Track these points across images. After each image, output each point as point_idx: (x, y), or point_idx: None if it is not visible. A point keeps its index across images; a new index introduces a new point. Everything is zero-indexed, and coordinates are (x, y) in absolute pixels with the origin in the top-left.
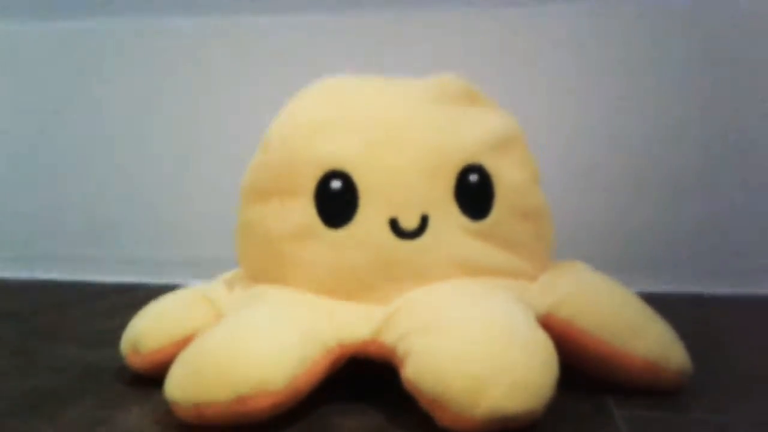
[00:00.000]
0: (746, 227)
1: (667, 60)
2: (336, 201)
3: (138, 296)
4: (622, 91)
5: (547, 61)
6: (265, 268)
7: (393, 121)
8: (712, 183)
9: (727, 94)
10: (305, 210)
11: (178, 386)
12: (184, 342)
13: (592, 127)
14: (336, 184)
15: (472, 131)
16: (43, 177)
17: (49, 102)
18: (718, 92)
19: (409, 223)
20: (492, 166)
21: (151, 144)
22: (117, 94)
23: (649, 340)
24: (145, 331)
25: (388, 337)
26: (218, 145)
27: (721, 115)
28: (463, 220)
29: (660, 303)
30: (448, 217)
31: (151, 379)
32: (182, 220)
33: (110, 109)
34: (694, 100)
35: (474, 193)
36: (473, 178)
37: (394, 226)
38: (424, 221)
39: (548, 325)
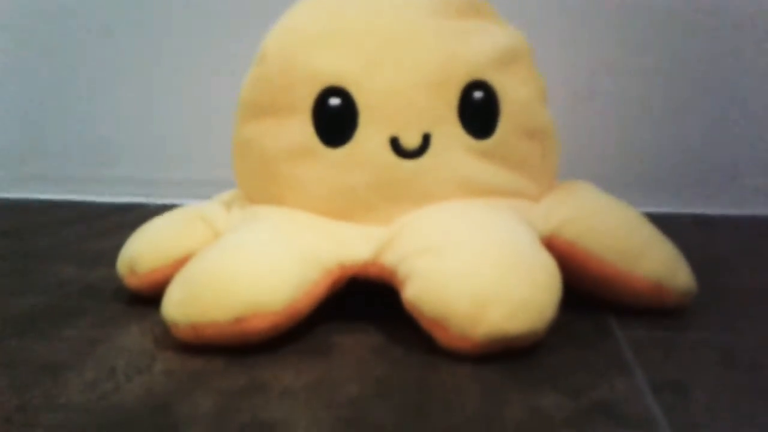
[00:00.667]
0: (749, 148)
1: None
2: (335, 119)
3: (135, 216)
4: (630, 13)
5: None
6: (263, 188)
7: (394, 35)
8: (715, 104)
9: (730, 11)
10: (303, 128)
11: (176, 307)
12: (181, 262)
13: (594, 49)
14: (334, 101)
15: (477, 45)
16: (39, 96)
17: (48, 28)
18: (721, 9)
19: (411, 141)
20: (497, 82)
21: (148, 63)
22: (117, 19)
23: (653, 261)
24: (142, 252)
25: (389, 259)
26: (216, 62)
27: (722, 37)
28: (467, 139)
29: (665, 223)
30: (451, 135)
31: (148, 298)
32: (180, 140)
33: (109, 30)
34: (697, 21)
35: (478, 110)
36: (478, 95)
37: (395, 145)
38: (426, 140)
39: (552, 245)
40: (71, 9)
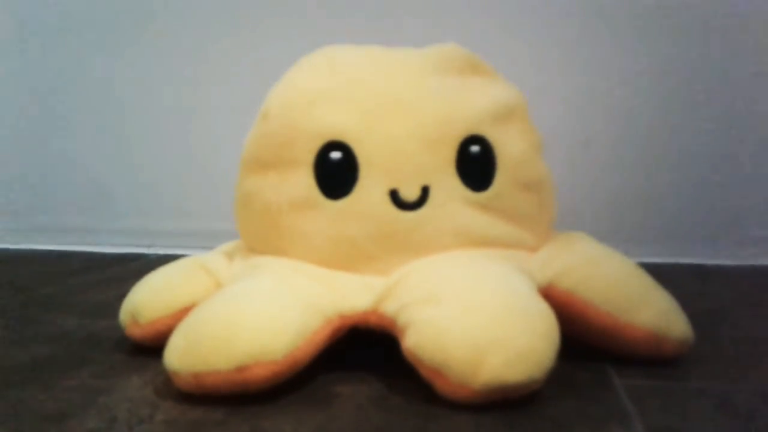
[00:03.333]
0: (747, 198)
1: (667, 31)
2: (336, 172)
3: (137, 266)
4: (621, 62)
5: (546, 31)
6: (265, 239)
7: (393, 91)
8: (713, 154)
9: (728, 66)
10: (305, 181)
11: (178, 356)
12: (183, 312)
13: (591, 98)
14: (335, 154)
15: (474, 101)
16: (42, 148)
17: (48, 75)
18: (718, 64)
19: (410, 194)
20: (494, 136)
21: (152, 115)
22: (119, 67)
23: (650, 311)
24: (144, 302)
25: (389, 308)
26: (218, 116)
27: (722, 87)
28: (465, 191)
29: (661, 273)
30: (449, 188)
31: (150, 349)
32: (182, 192)
33: (111, 82)
34: (692, 73)
35: (475, 163)
36: (475, 148)
37: (395, 197)
38: (424, 192)
39: (550, 295)
40: (73, 57)
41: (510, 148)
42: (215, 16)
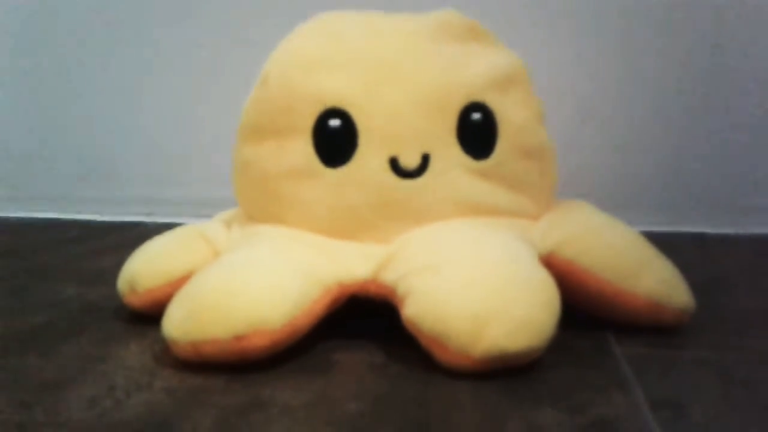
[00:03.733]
0: (748, 167)
1: (666, 5)
2: (335, 140)
3: (135, 235)
4: (624, 33)
5: (548, 3)
6: (263, 207)
7: (393, 58)
8: (713, 124)
9: (728, 34)
10: (303, 149)
11: (176, 325)
12: (182, 280)
13: (594, 68)
14: (334, 122)
15: (475, 68)
16: (40, 116)
17: (49, 42)
18: (719, 34)
19: (410, 162)
20: (495, 104)
21: (149, 83)
22: (118, 34)
23: (651, 279)
24: (142, 270)
25: (388, 277)
26: (216, 83)
27: (721, 55)
28: (465, 159)
29: (662, 242)
30: (449, 156)
31: (148, 317)
32: (180, 159)
33: (110, 50)
34: (694, 43)
35: (476, 131)
36: (476, 116)
37: (395, 165)
38: (425, 160)
39: (551, 264)
40: (73, 29)
41: (511, 115)
42: None
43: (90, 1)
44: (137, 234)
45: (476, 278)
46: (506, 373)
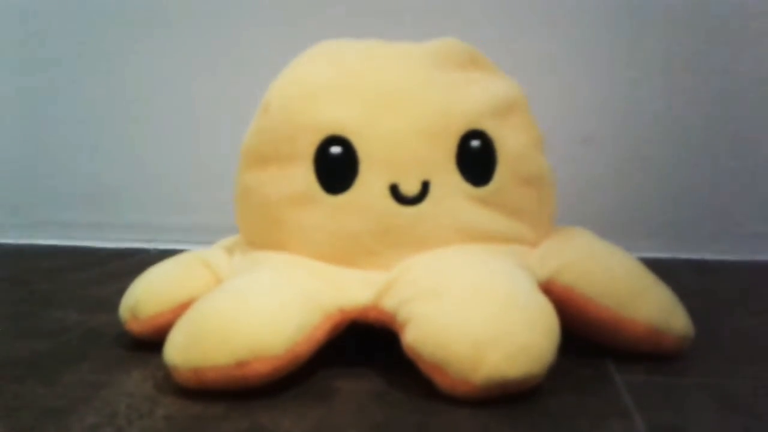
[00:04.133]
0: (747, 194)
1: (669, 24)
2: (336, 166)
3: (137, 262)
4: (627, 59)
5: (553, 28)
6: (265, 234)
7: (394, 86)
8: (713, 150)
9: (728, 60)
10: (305, 176)
11: (178, 351)
12: (183, 307)
13: (593, 94)
14: (336, 149)
15: (475, 96)
16: (43, 143)
17: (51, 69)
18: (719, 58)
19: (410, 188)
20: (494, 131)
21: (151, 110)
22: (121, 63)
23: (650, 306)
24: (144, 297)
25: (389, 303)
26: (219, 111)
27: (722, 82)
28: (465, 186)
29: (661, 268)
30: (449, 182)
31: (150, 344)
32: (182, 186)
33: (112, 76)
34: (694, 67)
35: (476, 158)
36: (475, 143)
37: (395, 191)
38: (425, 187)
39: (550, 290)
40: (75, 53)
41: (510, 142)
42: (217, 14)
43: (92, 26)
44: (139, 261)
45: (476, 305)
46: (506, 400)
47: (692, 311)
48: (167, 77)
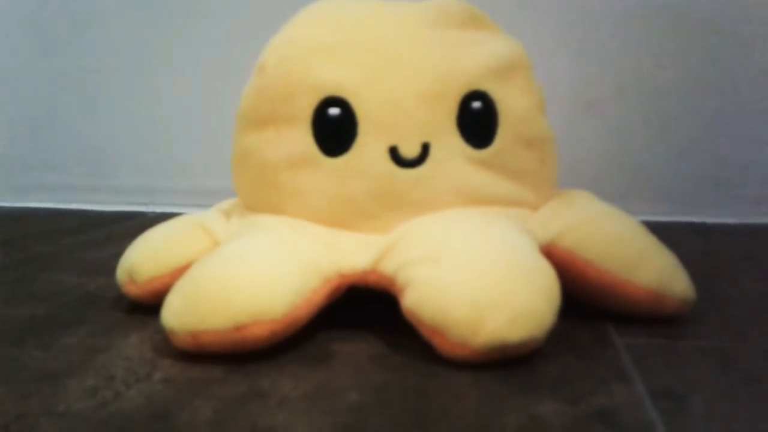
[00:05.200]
0: (749, 157)
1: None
2: (334, 128)
3: (134, 225)
4: (628, 21)
5: None
6: (262, 197)
7: (393, 46)
8: (716, 113)
9: (733, 26)
10: (302, 138)
11: (175, 314)
12: (181, 270)
13: (597, 58)
14: (334, 111)
15: (476, 56)
16: (38, 106)
17: (48, 34)
18: (723, 25)
19: (410, 151)
20: (496, 92)
21: (148, 73)
22: (118, 25)
23: (652, 269)
24: (141, 260)
25: (388, 267)
26: (214, 72)
27: (726, 47)
28: (466, 148)
29: (663, 232)
30: (449, 145)
31: (148, 307)
32: (180, 149)
33: (110, 41)
34: (699, 33)
35: (477, 120)
36: (476, 105)
37: (394, 154)
38: (425, 149)
39: (551, 254)
40: (71, 21)
41: (512, 104)
42: None
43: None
44: (136, 224)
45: (476, 268)
46: (506, 363)
47: (693, 275)
48: (165, 39)
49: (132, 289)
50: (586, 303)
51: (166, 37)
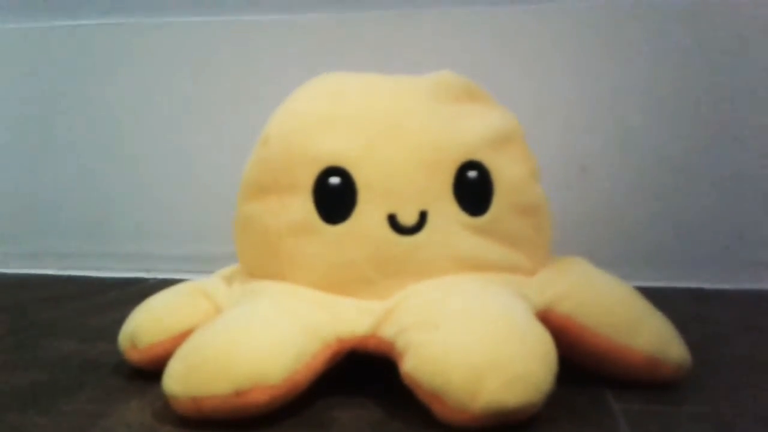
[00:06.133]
0: (746, 222)
1: (664, 55)
2: (334, 197)
3: (136, 291)
4: (619, 87)
5: (545, 58)
6: (264, 263)
7: (391, 118)
8: (710, 177)
9: (726, 87)
10: (304, 206)
11: (176, 380)
12: (182, 336)
13: (589, 123)
14: (334, 180)
15: (471, 127)
16: (40, 173)
17: (49, 98)
18: (716, 86)
19: (408, 218)
20: (491, 162)
21: (149, 140)
22: (119, 91)
23: (648, 335)
24: (143, 326)
25: (387, 332)
26: (218, 141)
27: (718, 109)
28: (462, 216)
29: (659, 297)
30: (447, 212)
31: (149, 373)
32: (181, 216)
33: (110, 106)
34: (691, 95)
35: (473, 189)
36: (472, 174)
37: (393, 221)
38: (422, 217)
39: (547, 319)
40: (72, 82)
41: (507, 173)
42: (217, 38)
43: (91, 55)
44: (138, 290)
45: (474, 333)
46: (504, 429)
47: (690, 340)
48: (168, 108)
49: (134, 355)
50: (583, 368)
51: (167, 104)
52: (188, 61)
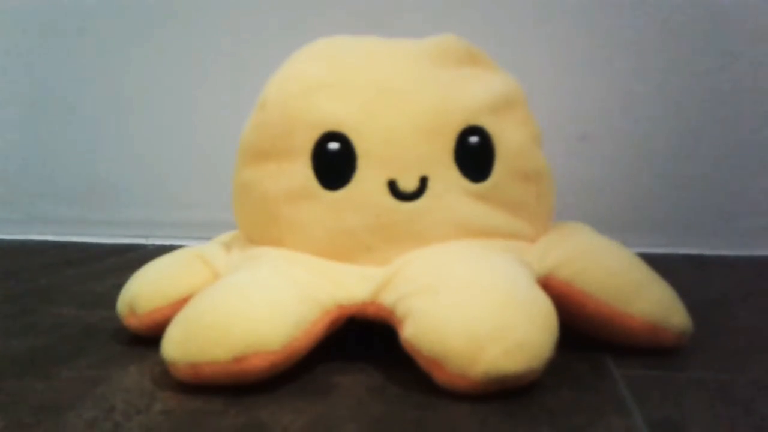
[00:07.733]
0: (746, 188)
1: (667, 27)
2: (334, 163)
3: (135, 257)
4: (624, 56)
5: (552, 25)
6: (263, 229)
7: (392, 82)
8: (711, 145)
9: (727, 53)
10: (302, 172)
11: (175, 346)
12: (181, 303)
13: (593, 90)
14: (333, 145)
15: (473, 92)
16: (39, 138)
17: (50, 64)
18: (718, 56)
19: (408, 184)
20: (493, 127)
21: (149, 105)
22: (119, 58)
23: (649, 301)
24: (142, 292)
25: (387, 298)
26: (216, 107)
27: (719, 76)
28: (463, 182)
29: (660, 264)
30: (447, 178)
31: (148, 339)
32: (180, 182)
33: (111, 73)
34: (696, 66)
35: (474, 154)
36: (473, 139)
37: (393, 187)
38: (423, 183)
39: (548, 286)
40: (71, 52)
41: (508, 138)
42: (217, 11)
43: (89, 23)
44: (137, 256)
45: (474, 300)
46: (505, 395)
47: (691, 306)
48: (166, 72)
49: (132, 321)
50: (584, 335)
51: (167, 71)
52: (188, 31)
